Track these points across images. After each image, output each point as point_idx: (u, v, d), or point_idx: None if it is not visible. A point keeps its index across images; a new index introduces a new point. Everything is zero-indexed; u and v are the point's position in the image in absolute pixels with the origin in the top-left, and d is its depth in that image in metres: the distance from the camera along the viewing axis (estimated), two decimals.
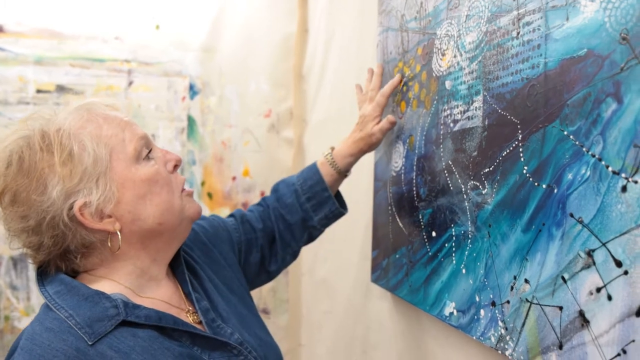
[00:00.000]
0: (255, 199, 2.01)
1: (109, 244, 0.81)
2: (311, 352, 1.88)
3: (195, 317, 0.88)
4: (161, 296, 0.87)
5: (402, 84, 1.12)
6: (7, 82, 1.72)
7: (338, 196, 1.19)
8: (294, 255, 1.18)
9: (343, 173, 1.15)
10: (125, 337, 0.76)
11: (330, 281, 1.72)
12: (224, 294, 0.98)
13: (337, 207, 1.14)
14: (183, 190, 0.88)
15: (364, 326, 1.45)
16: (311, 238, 1.18)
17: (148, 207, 0.82)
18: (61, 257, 0.81)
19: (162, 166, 0.86)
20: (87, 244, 0.81)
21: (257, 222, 1.13)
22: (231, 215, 1.14)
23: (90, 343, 0.73)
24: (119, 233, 0.81)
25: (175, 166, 0.88)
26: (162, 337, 0.79)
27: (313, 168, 1.15)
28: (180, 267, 0.92)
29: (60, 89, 1.79)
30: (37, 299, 1.75)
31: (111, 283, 0.82)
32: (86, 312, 0.76)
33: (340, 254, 1.62)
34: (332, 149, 1.16)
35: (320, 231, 1.18)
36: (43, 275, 0.82)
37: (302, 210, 1.13)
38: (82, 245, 0.80)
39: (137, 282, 0.84)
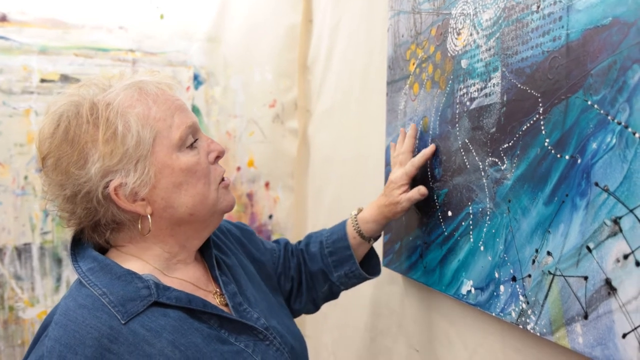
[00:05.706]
0: (260, 189, 2.01)
1: (139, 225, 0.82)
2: (317, 342, 1.87)
3: (222, 299, 0.89)
4: (189, 277, 0.88)
5: (433, 151, 1.03)
6: (11, 72, 1.71)
7: (371, 260, 1.14)
8: (315, 305, 1.15)
9: (367, 238, 1.09)
10: (156, 316, 0.77)
11: None
12: (254, 280, 0.99)
13: (358, 269, 1.08)
14: (222, 181, 0.87)
15: (372, 313, 1.45)
16: (332, 293, 1.14)
17: (182, 196, 0.82)
18: (92, 228, 0.83)
19: (204, 156, 0.85)
20: (118, 221, 0.82)
21: (292, 255, 1.13)
22: (276, 242, 1.15)
23: (123, 322, 0.74)
24: (149, 217, 0.82)
25: (217, 157, 0.87)
26: (191, 319, 0.80)
27: (342, 224, 1.11)
28: (209, 251, 0.93)
29: (65, 78, 1.78)
30: (41, 289, 1.74)
31: (141, 262, 0.83)
32: (119, 291, 0.77)
33: None
34: (360, 210, 1.10)
35: (339, 288, 1.13)
36: (76, 250, 0.83)
37: (322, 262, 1.10)
38: (112, 221, 0.82)
39: (165, 264, 0.86)
